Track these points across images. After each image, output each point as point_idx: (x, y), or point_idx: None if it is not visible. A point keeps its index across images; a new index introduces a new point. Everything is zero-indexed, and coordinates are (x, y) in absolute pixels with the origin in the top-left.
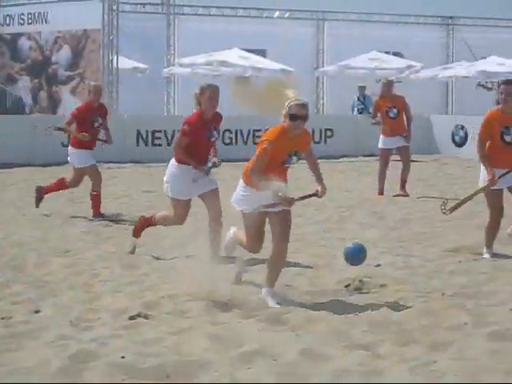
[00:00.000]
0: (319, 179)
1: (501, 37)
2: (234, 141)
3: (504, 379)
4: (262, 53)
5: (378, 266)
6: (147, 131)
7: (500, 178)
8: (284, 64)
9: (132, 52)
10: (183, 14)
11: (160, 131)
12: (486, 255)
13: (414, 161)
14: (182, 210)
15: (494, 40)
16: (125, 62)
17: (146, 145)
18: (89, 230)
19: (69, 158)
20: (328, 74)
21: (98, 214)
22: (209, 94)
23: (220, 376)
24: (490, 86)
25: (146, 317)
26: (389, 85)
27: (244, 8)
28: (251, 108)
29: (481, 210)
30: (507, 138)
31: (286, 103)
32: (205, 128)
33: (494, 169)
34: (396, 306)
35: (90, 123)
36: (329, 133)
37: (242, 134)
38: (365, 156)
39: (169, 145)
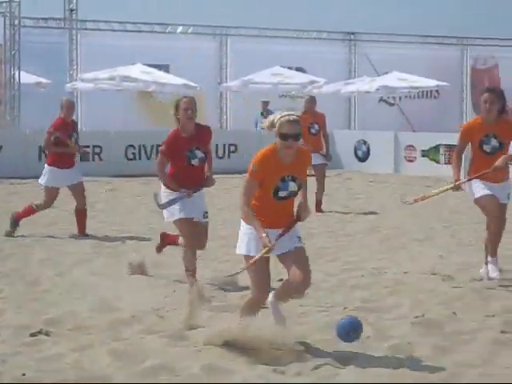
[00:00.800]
0: (302, 204)
1: (402, 52)
2: (137, 156)
3: None
4: (165, 68)
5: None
6: None
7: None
8: (187, 79)
9: (34, 67)
10: (86, 29)
11: None
12: (493, 273)
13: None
14: (188, 229)
15: (396, 55)
16: (27, 77)
17: None
18: None
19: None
20: (231, 89)
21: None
22: (184, 105)
23: None
24: (392, 101)
25: (47, 333)
26: (312, 101)
27: (147, 23)
28: (156, 123)
29: (382, 224)
30: (486, 148)
31: (275, 119)
32: (184, 146)
33: (483, 181)
34: (298, 321)
35: (69, 139)
36: (232, 148)
37: (145, 149)
38: None
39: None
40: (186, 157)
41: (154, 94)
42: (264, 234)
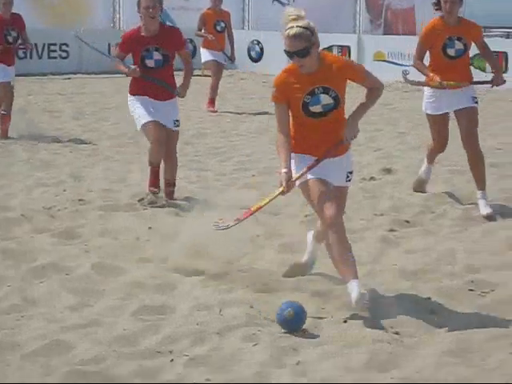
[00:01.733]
0: (348, 119)
1: None
2: (28, 55)
3: (292, 291)
4: None
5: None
6: None
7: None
8: None
9: None
10: None
11: None
12: (423, 169)
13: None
14: (153, 134)
15: None
16: None
17: None
18: None
19: None
20: None
21: (5, 135)
22: (144, 3)
23: (12, 290)
24: (285, 1)
25: None
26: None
27: None
28: (47, 22)
29: (274, 124)
30: (450, 52)
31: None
32: (139, 45)
33: (439, 90)
34: (189, 220)
35: (3, 37)
36: None
37: (36, 48)
38: None
39: None
40: (140, 56)
41: None
42: (284, 170)
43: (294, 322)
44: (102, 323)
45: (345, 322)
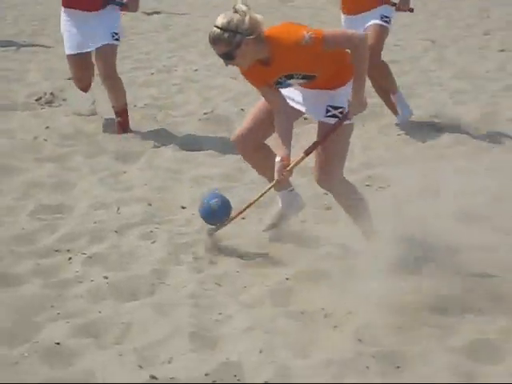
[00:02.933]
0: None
1: None
2: None
3: (188, 188)
4: None
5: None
6: None
7: None
8: None
9: None
10: None
11: None
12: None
13: None
14: (75, 69)
15: None
16: None
17: None
18: None
19: None
20: None
21: None
22: None
23: None
24: None
25: None
26: None
27: None
28: None
29: (173, 22)
30: None
31: None
32: None
33: (349, 17)
34: (84, 119)
35: None
36: None
37: None
38: None
39: None
40: None
41: None
42: (278, 159)
43: (218, 213)
44: None
45: (243, 218)
